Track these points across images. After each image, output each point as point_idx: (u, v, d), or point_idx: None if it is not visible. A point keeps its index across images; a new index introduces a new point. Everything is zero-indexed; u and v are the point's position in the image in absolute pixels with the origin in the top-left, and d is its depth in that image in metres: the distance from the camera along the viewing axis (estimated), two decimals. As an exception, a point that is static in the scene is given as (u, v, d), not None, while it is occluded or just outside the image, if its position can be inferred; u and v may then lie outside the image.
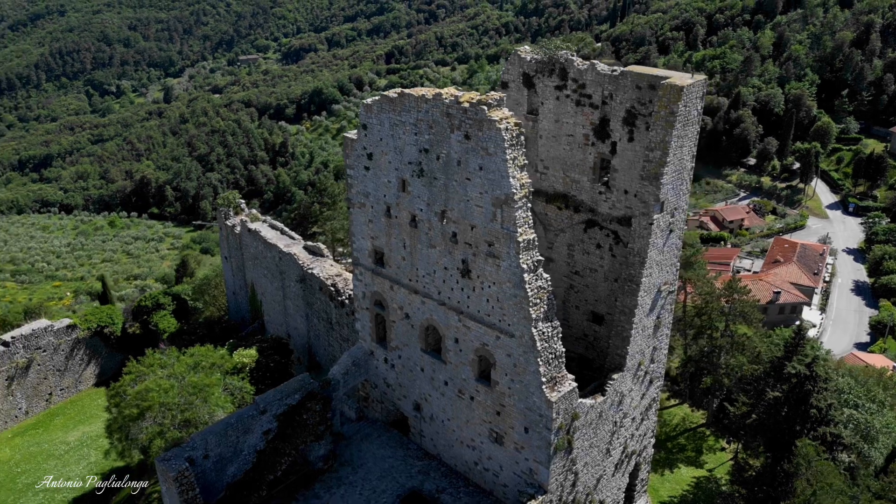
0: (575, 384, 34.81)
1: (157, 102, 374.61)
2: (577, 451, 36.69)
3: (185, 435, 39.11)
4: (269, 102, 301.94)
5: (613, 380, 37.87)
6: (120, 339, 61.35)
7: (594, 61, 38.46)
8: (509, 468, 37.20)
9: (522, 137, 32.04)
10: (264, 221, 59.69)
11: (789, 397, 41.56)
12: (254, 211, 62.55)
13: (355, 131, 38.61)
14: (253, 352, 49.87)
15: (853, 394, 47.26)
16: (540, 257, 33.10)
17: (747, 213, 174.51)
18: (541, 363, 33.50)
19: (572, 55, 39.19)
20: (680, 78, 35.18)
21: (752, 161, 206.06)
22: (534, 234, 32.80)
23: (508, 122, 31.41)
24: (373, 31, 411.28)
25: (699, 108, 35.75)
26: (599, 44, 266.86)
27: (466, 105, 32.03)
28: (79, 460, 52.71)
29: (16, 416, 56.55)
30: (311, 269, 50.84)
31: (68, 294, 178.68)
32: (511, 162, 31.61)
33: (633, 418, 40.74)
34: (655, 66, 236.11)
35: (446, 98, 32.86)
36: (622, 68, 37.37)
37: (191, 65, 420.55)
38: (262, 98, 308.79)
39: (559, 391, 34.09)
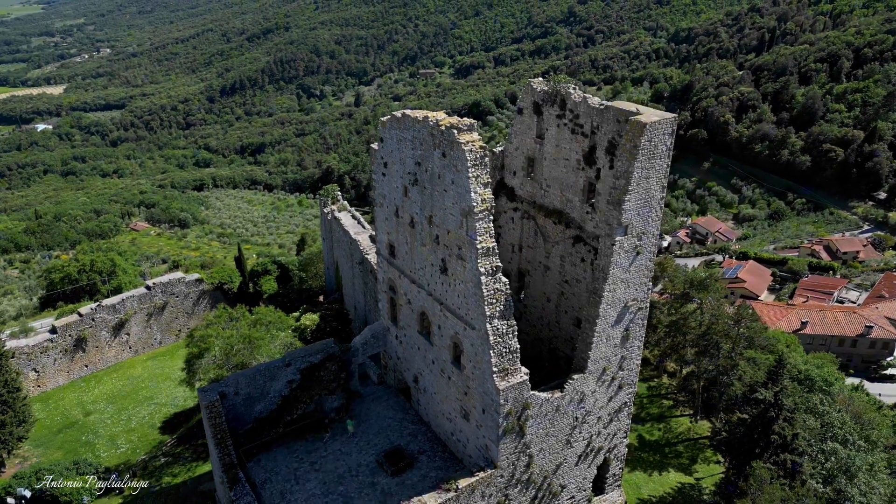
0: (526, 377, 35.14)
1: (349, 106, 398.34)
2: (530, 437, 36.90)
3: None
4: (434, 111, 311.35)
5: (573, 379, 37.57)
6: (236, 294, 68.41)
7: (587, 95, 38.04)
8: (473, 442, 38.20)
9: (487, 159, 32.81)
10: (349, 212, 63.99)
11: (755, 421, 38.74)
12: (344, 202, 67.05)
13: (377, 143, 40.99)
14: (315, 317, 54.03)
15: (845, 429, 42.95)
16: (499, 263, 33.73)
17: (864, 245, 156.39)
18: (493, 355, 34.20)
19: (573, 89, 38.95)
20: (650, 115, 34.09)
21: (882, 195, 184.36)
22: (493, 243, 33.50)
23: (473, 145, 32.35)
24: (535, 52, 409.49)
25: (668, 143, 34.42)
26: (741, 72, 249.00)
27: (443, 128, 33.34)
28: (186, 385, 59.50)
29: (151, 344, 65.06)
30: (367, 254, 54.08)
31: (254, 255, 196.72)
32: (474, 179, 32.54)
33: (600, 417, 39.97)
34: (793, 96, 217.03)
35: (431, 121, 34.34)
36: (608, 103, 36.71)
37: (380, 75, 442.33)
38: (430, 107, 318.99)
39: (508, 381, 34.61)
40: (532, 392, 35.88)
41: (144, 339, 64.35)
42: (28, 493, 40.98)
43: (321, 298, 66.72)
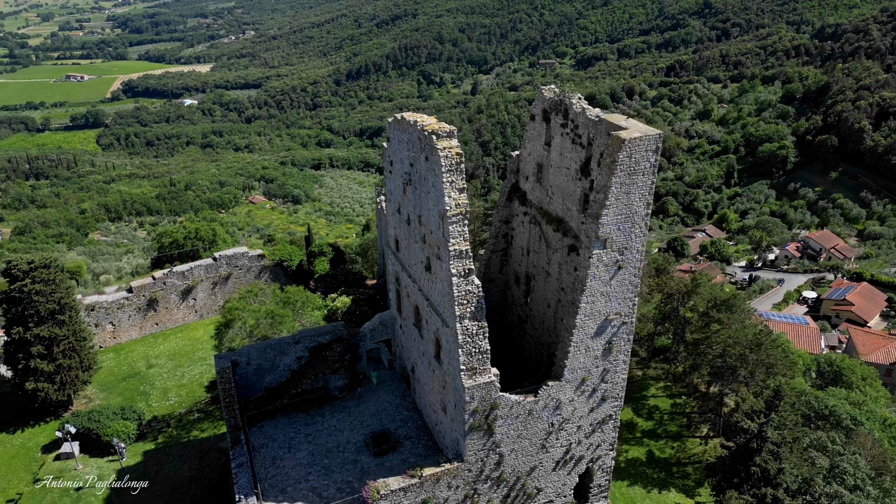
0: (494, 378, 36.26)
1: (466, 94, 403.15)
2: (500, 436, 37.97)
3: (251, 345, 47.79)
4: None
5: (548, 386, 38.15)
6: (294, 272, 73.55)
7: (586, 106, 38.05)
8: (449, 434, 39.85)
9: (463, 166, 34.09)
10: (396, 203, 66.69)
11: (738, 450, 37.30)
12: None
13: (386, 142, 43.21)
14: (347, 300, 57.39)
15: (857, 475, 40.35)
16: (471, 266, 34.98)
17: None
18: (461, 354, 35.58)
19: (577, 99, 39.05)
20: (632, 131, 33.80)
21: None
22: (467, 246, 34.78)
23: (450, 152, 33.72)
24: (662, 44, 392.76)
25: (652, 160, 33.96)
26: (886, 75, 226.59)
27: (426, 133, 34.94)
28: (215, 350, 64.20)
29: (215, 310, 71.53)
30: (399, 245, 56.63)
31: (353, 235, 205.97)
32: (449, 184, 33.94)
33: (580, 426, 40.21)
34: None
35: (419, 125, 36.00)
36: (602, 116, 36.61)
37: (499, 64, 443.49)
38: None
39: (475, 380, 35.89)
40: (501, 393, 36.94)
41: (209, 305, 71.00)
42: (73, 430, 47.60)
43: (369, 282, 70.31)
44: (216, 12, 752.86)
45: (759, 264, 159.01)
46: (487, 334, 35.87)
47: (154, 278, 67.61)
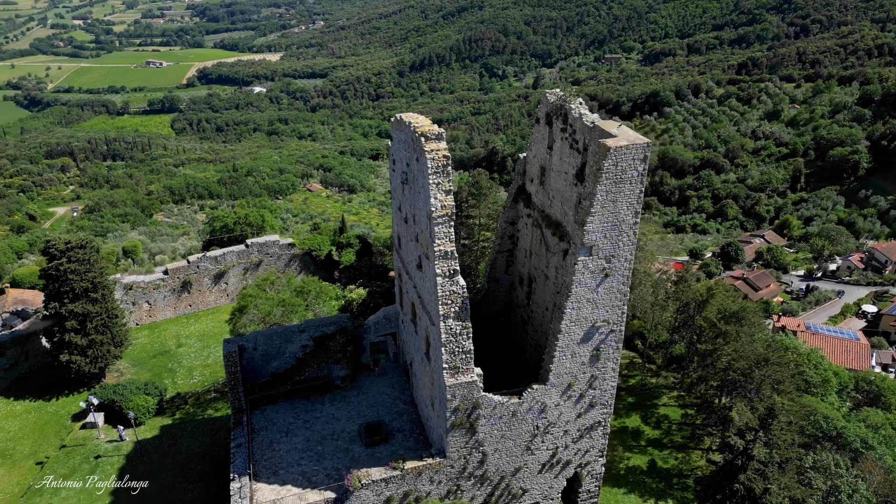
0: (476, 378, 36.86)
1: (527, 87, 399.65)
2: (483, 435, 38.60)
3: (263, 331, 49.78)
4: (609, 98, 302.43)
5: (533, 389, 38.43)
6: (322, 261, 75.67)
7: (583, 112, 37.89)
8: (436, 430, 40.71)
9: (450, 168, 34.63)
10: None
11: (724, 467, 36.51)
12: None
13: (390, 141, 44.12)
14: (363, 292, 58.80)
15: (854, 498, 38.99)
16: (456, 267, 35.57)
17: None
18: (444, 352, 36.32)
19: (577, 104, 38.97)
20: (618, 139, 33.55)
21: None
22: (452, 247, 35.36)
23: (436, 154, 34.34)
24: (736, 41, 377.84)
25: (640, 169, 33.68)
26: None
27: (417, 134, 35.67)
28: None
29: (245, 295, 74.74)
30: (414, 241, 57.61)
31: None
32: (435, 186, 34.58)
33: (567, 431, 40.32)
34: None
35: (412, 126, 36.75)
36: (597, 122, 36.42)
37: (564, 58, 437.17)
38: (606, 94, 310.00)
39: (457, 379, 36.60)
40: (484, 393, 37.49)
41: (240, 289, 73.91)
42: (96, 401, 50.93)
43: (392, 274, 71.62)
44: (289, 2, 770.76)
45: (819, 274, 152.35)
46: (471, 335, 36.43)
47: (189, 262, 70.95)
